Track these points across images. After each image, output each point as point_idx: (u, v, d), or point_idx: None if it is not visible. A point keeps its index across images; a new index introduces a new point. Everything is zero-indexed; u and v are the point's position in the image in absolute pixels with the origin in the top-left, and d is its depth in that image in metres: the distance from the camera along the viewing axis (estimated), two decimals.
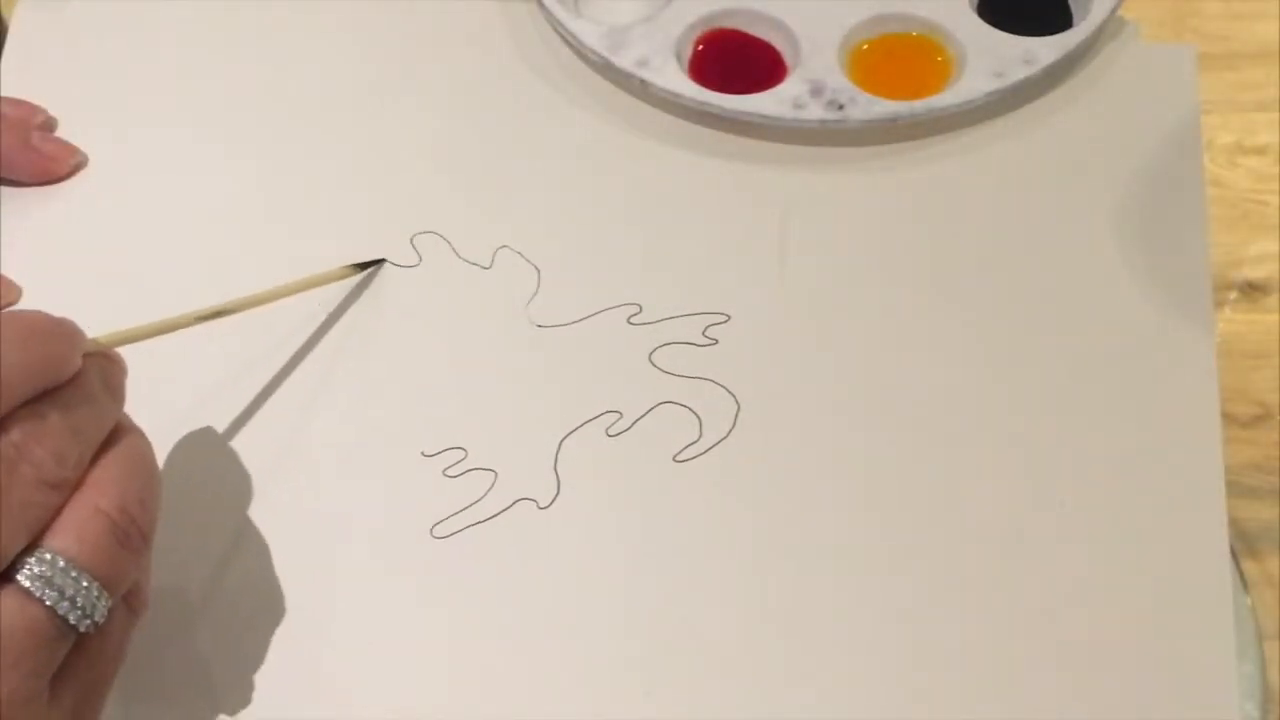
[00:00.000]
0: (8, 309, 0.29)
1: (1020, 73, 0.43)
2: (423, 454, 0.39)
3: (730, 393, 0.40)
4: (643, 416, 0.39)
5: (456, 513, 0.38)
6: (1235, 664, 0.36)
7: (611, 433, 0.39)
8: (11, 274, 0.41)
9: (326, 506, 0.38)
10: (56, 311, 0.40)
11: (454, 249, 0.42)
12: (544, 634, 0.36)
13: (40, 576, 0.26)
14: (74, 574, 0.27)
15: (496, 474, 0.38)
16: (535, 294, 0.41)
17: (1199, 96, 0.44)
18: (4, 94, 0.44)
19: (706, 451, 0.39)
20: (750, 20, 0.45)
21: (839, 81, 0.43)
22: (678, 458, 0.39)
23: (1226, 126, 0.58)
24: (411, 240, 0.42)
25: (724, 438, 0.39)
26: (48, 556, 0.27)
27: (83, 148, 0.43)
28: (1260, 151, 0.57)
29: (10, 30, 0.46)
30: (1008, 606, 0.37)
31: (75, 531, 0.27)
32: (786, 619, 0.36)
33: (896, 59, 0.45)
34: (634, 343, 0.40)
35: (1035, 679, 0.36)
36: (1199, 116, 0.44)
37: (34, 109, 0.43)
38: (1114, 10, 0.44)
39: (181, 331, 0.34)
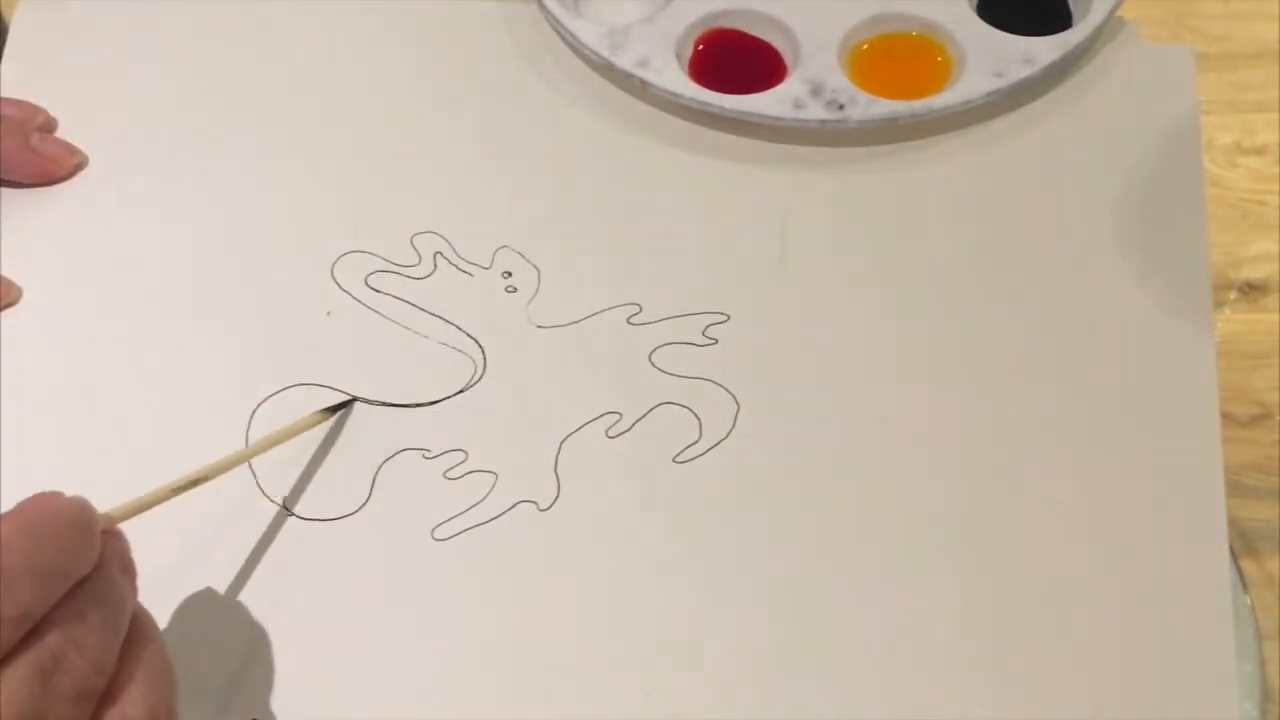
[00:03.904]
0: (33, 499, 0.28)
1: (1020, 73, 0.43)
2: (424, 456, 0.39)
3: (730, 393, 0.40)
4: (643, 417, 0.39)
5: (457, 515, 0.38)
6: (1235, 664, 0.36)
7: (611, 434, 0.39)
8: (11, 274, 0.41)
9: (327, 508, 0.38)
10: (57, 311, 0.41)
11: (454, 249, 0.42)
12: (545, 635, 0.36)
13: None
14: None
15: (497, 476, 0.38)
16: (535, 294, 0.41)
17: (1198, 97, 0.44)
18: (4, 94, 0.44)
19: (706, 452, 0.39)
20: (750, 20, 0.45)
21: (839, 81, 0.43)
22: (678, 458, 0.39)
23: (1226, 127, 0.58)
24: (411, 240, 0.42)
25: (724, 438, 0.39)
26: None
27: (83, 148, 0.43)
28: (1260, 152, 0.57)
29: (10, 30, 0.46)
30: (1007, 606, 0.37)
31: None
32: (787, 619, 0.36)
33: (896, 59, 0.45)
34: (634, 343, 0.40)
35: (1035, 679, 0.36)
36: (1198, 117, 0.44)
37: (34, 109, 0.43)
38: (1113, 10, 0.44)
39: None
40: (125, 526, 0.30)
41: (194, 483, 0.33)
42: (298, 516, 0.38)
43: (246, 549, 0.37)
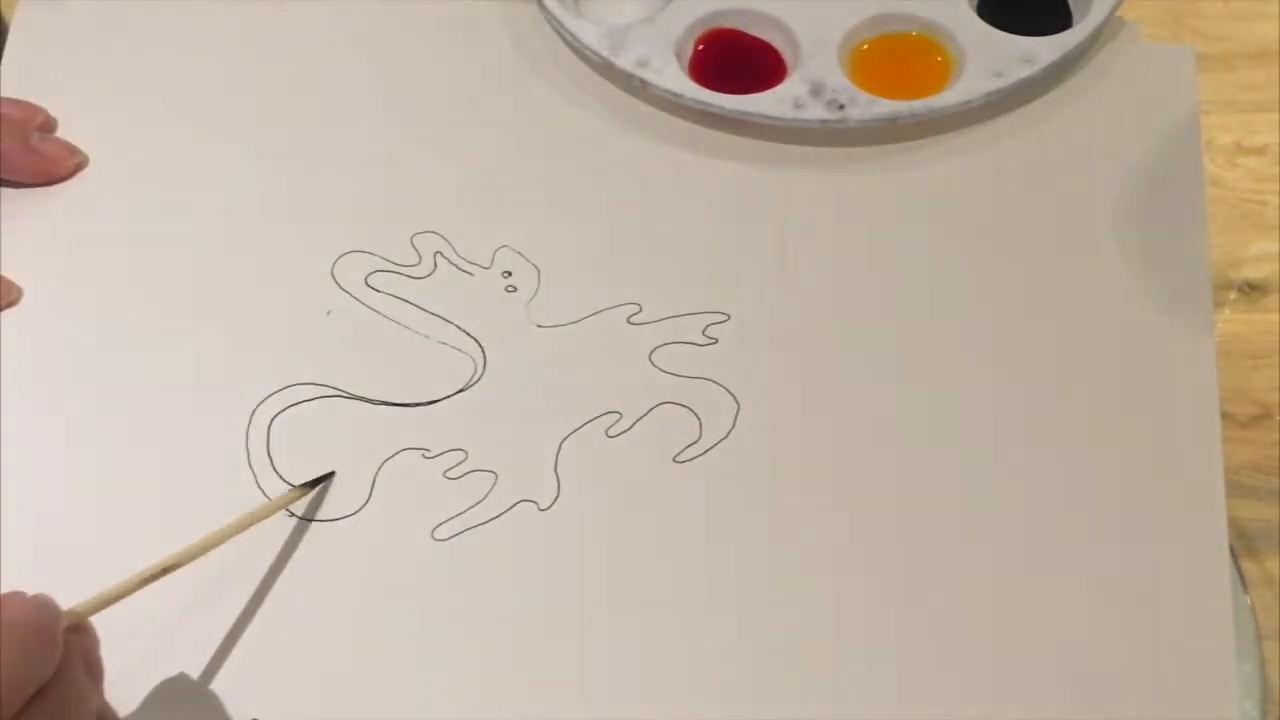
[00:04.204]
0: None
1: (1020, 72, 0.43)
2: (424, 456, 0.39)
3: (730, 393, 0.40)
4: (643, 417, 0.39)
5: (458, 514, 0.38)
6: (1235, 664, 0.36)
7: (611, 434, 0.39)
8: (11, 274, 0.41)
9: (327, 508, 0.38)
10: (57, 311, 0.41)
11: (454, 249, 0.42)
12: (544, 635, 0.36)
13: None
14: None
15: (497, 476, 0.38)
16: (535, 294, 0.41)
17: (1198, 97, 0.44)
18: (4, 94, 0.44)
19: (706, 452, 0.39)
20: (750, 20, 0.45)
21: (839, 81, 0.43)
22: (678, 458, 0.39)
23: (1225, 127, 0.58)
24: (411, 240, 0.42)
25: (724, 438, 0.39)
26: None
27: (83, 148, 0.43)
28: (1259, 152, 0.57)
29: (11, 30, 0.46)
30: (1007, 606, 0.37)
31: None
32: (786, 619, 0.36)
33: (896, 59, 0.45)
34: (634, 342, 0.40)
35: (1035, 679, 0.36)
36: (1198, 117, 0.44)
37: (34, 109, 0.43)
38: (1113, 10, 0.44)
39: None
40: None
41: (165, 570, 0.32)
42: (298, 517, 0.38)
43: (246, 549, 0.37)
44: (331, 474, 0.38)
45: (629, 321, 0.41)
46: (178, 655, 0.36)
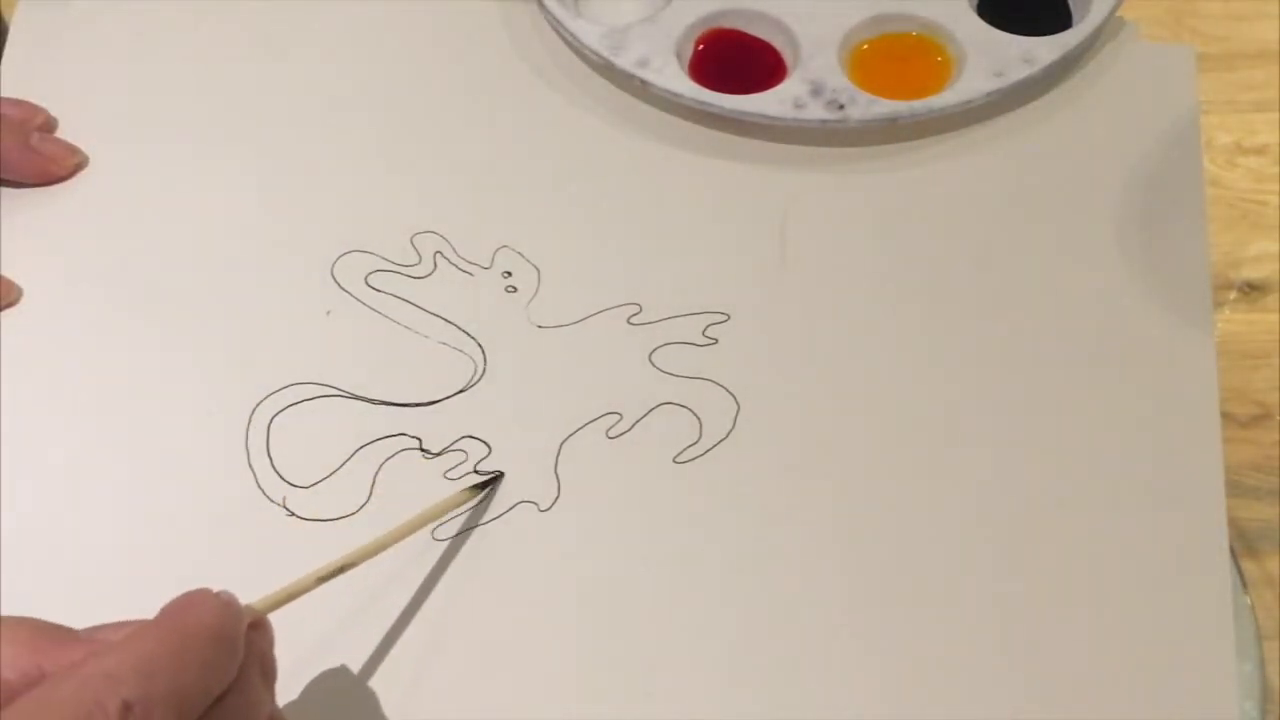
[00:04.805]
0: (181, 603, 0.27)
1: (1020, 73, 0.43)
2: (424, 456, 0.39)
3: (730, 393, 0.40)
4: (643, 417, 0.39)
5: (457, 514, 0.38)
6: (1235, 664, 0.36)
7: (612, 434, 0.39)
8: (11, 274, 0.41)
9: (327, 508, 0.38)
10: (57, 311, 0.41)
11: (454, 249, 0.42)
12: (544, 635, 0.36)
13: None
14: None
15: (497, 476, 0.38)
16: (535, 294, 0.41)
17: (1198, 97, 0.44)
18: (4, 94, 0.44)
19: (706, 452, 0.39)
20: (750, 20, 0.45)
21: (839, 81, 0.43)
22: (678, 459, 0.39)
23: (1225, 127, 0.58)
24: (411, 240, 0.42)
25: (724, 438, 0.39)
26: None
27: (83, 148, 0.43)
28: (1259, 151, 0.57)
29: (11, 30, 0.46)
30: (1007, 606, 0.37)
31: None
32: (786, 619, 0.36)
33: (896, 59, 0.45)
34: (634, 343, 0.40)
35: (1035, 678, 0.36)
36: (1198, 117, 0.44)
37: (34, 109, 0.43)
38: (1113, 10, 0.44)
39: None
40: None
41: (341, 569, 0.33)
42: (298, 516, 0.38)
43: (246, 549, 0.37)
44: (500, 474, 0.38)
45: (629, 321, 0.41)
46: None
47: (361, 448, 0.39)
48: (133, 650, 0.25)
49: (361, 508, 0.38)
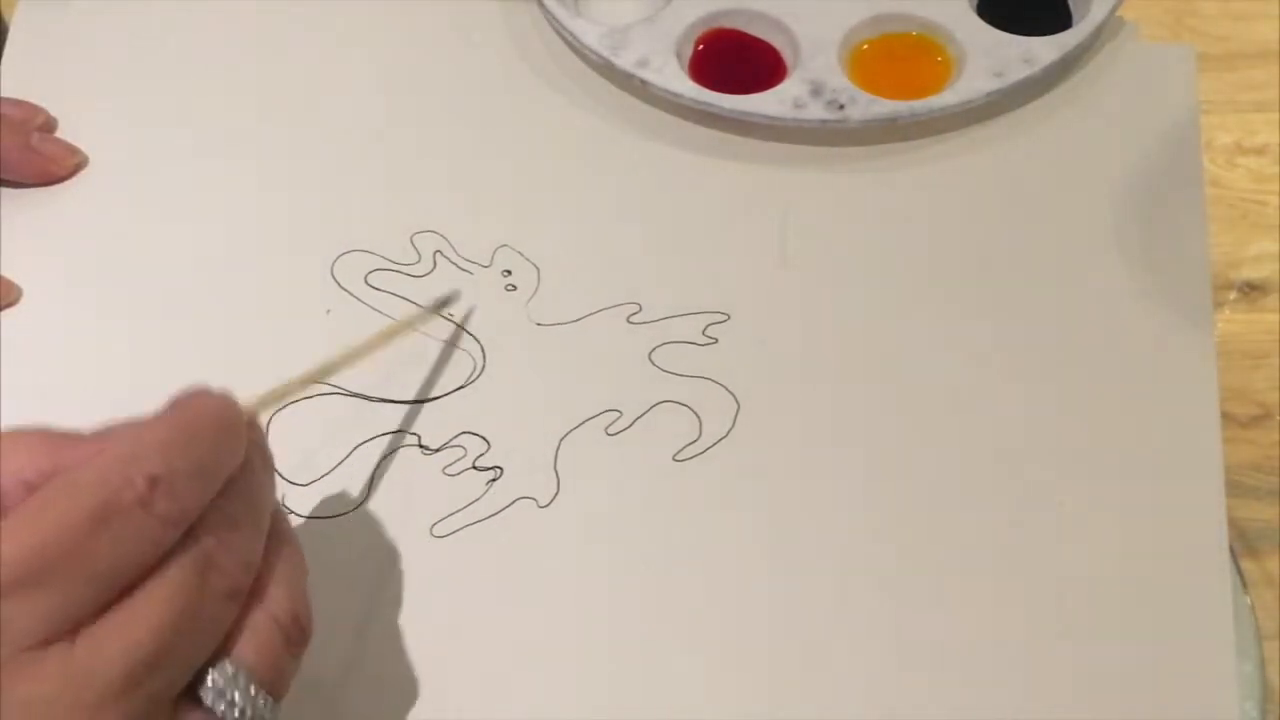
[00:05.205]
0: (184, 397, 0.28)
1: (1020, 73, 0.43)
2: (423, 453, 0.39)
3: (730, 392, 0.40)
4: (642, 415, 0.39)
5: (456, 511, 0.38)
6: (1235, 664, 0.36)
7: (611, 431, 0.39)
8: (11, 274, 0.41)
9: (326, 505, 0.38)
10: (57, 311, 0.41)
11: (454, 247, 0.42)
12: (543, 633, 0.36)
13: (220, 692, 0.27)
14: (251, 689, 0.27)
15: (496, 473, 0.38)
16: (535, 293, 0.41)
17: (1198, 97, 0.44)
18: (4, 94, 0.44)
19: (706, 451, 0.39)
20: (750, 20, 0.45)
21: (839, 81, 0.43)
22: (677, 457, 0.39)
23: (1225, 127, 0.58)
24: (411, 239, 0.42)
25: (724, 437, 0.39)
26: (229, 671, 0.27)
27: (83, 148, 0.43)
28: (1259, 151, 0.57)
29: (11, 30, 0.46)
30: (1007, 606, 0.37)
31: (254, 643, 0.27)
32: (786, 618, 0.36)
33: (896, 59, 0.45)
34: (634, 342, 0.40)
35: (1035, 678, 0.36)
36: (1198, 117, 0.44)
37: (34, 109, 0.43)
38: (1113, 10, 0.44)
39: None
40: None
41: (325, 372, 0.34)
42: (297, 514, 0.38)
43: None
44: (457, 292, 0.39)
45: (629, 321, 0.41)
46: None
47: (360, 445, 0.39)
48: (150, 433, 0.27)
49: (360, 504, 0.38)
